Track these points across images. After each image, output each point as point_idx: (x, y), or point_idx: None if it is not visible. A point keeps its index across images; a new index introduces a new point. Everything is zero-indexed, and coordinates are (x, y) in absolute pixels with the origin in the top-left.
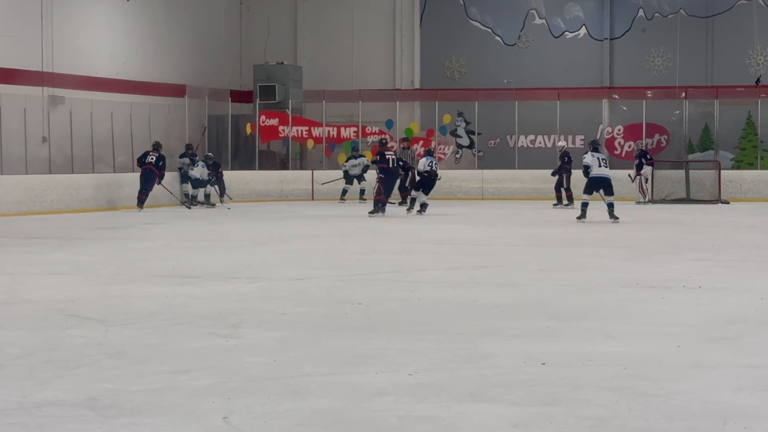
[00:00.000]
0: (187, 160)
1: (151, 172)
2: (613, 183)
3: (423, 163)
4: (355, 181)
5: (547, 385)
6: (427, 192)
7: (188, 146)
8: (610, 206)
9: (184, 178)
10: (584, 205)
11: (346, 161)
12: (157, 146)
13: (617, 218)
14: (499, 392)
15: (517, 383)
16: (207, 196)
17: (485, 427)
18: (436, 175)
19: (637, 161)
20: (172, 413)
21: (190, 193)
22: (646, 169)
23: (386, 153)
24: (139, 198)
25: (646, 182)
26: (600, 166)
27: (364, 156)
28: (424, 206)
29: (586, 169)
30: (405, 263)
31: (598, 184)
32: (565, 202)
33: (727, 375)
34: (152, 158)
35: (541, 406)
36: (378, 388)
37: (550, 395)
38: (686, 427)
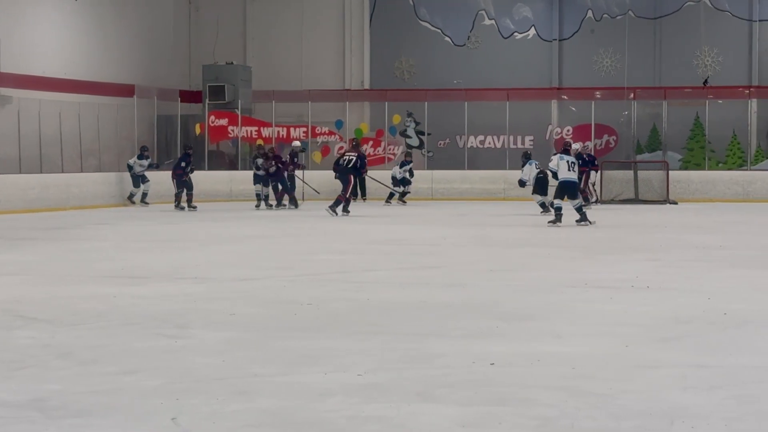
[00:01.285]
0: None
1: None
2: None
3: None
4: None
5: (495, 385)
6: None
7: (145, 148)
8: (578, 209)
9: (139, 179)
10: (558, 209)
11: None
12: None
13: (588, 222)
14: (447, 392)
15: (466, 383)
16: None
17: (433, 427)
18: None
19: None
20: (119, 414)
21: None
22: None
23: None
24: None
25: (593, 185)
26: (569, 170)
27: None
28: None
29: (554, 174)
30: (353, 263)
31: (564, 190)
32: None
33: (674, 375)
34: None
35: (489, 406)
36: (326, 388)
37: (498, 395)
38: (634, 427)
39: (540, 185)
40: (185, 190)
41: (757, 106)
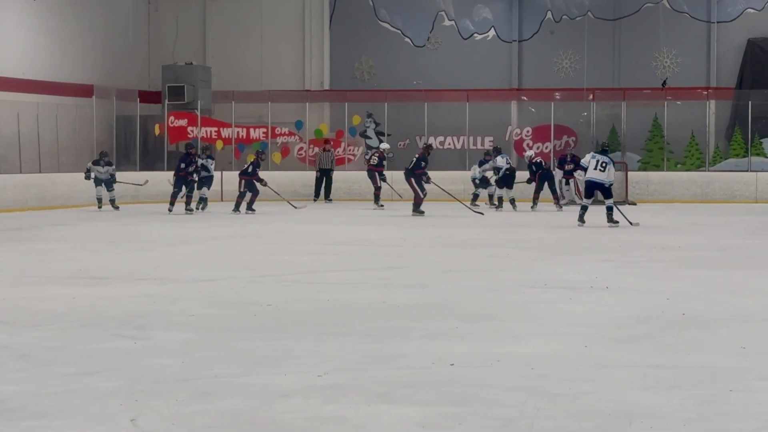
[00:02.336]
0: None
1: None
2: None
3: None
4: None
5: (456, 386)
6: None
7: (105, 153)
8: (609, 209)
9: (102, 182)
10: (583, 209)
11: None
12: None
13: (616, 222)
14: (407, 393)
15: (426, 384)
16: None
17: (393, 427)
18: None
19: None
20: (78, 416)
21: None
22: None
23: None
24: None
25: (566, 185)
26: (595, 168)
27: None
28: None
29: (584, 169)
30: (314, 264)
31: (590, 189)
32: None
33: (634, 374)
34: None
35: (449, 407)
36: (286, 389)
37: (459, 396)
38: (593, 427)
39: (506, 180)
40: (185, 190)
41: (715, 107)
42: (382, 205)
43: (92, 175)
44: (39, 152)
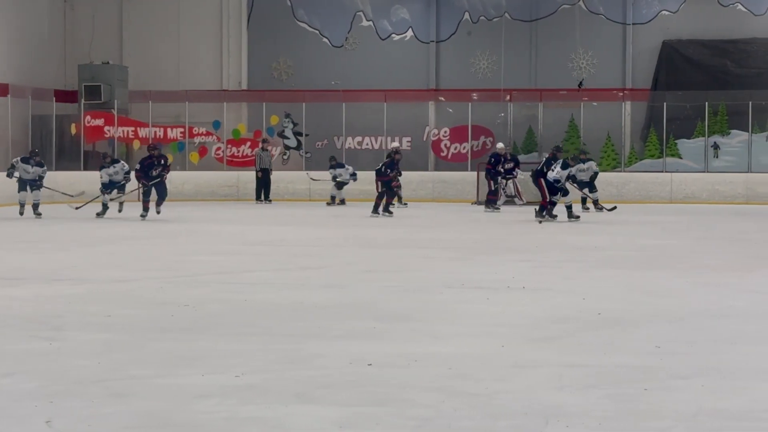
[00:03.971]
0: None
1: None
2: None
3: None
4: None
5: (373, 386)
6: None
7: (35, 153)
8: (568, 207)
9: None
10: (551, 204)
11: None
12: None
13: (577, 217)
14: (325, 393)
15: (344, 384)
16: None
17: (311, 428)
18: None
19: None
20: None
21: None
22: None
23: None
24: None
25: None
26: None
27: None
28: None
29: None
30: (231, 264)
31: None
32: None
33: (550, 374)
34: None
35: (367, 407)
36: (203, 389)
37: (376, 396)
38: (510, 426)
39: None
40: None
41: (630, 108)
42: (405, 204)
43: (16, 174)
44: None
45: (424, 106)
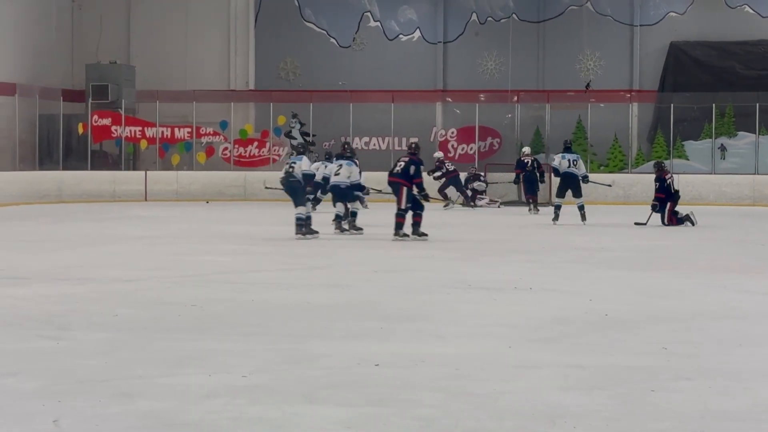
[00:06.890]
0: None
1: None
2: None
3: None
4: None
5: (379, 386)
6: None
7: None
8: (580, 208)
9: None
10: (557, 208)
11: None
12: None
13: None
14: (331, 393)
15: (350, 384)
16: None
17: (318, 428)
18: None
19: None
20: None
21: None
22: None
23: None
24: None
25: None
26: (569, 167)
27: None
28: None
29: (555, 171)
30: (236, 265)
31: (567, 184)
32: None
33: (556, 375)
34: None
35: (373, 407)
36: (210, 389)
37: (382, 396)
38: (515, 427)
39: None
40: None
41: (638, 109)
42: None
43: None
44: None
45: (432, 106)
